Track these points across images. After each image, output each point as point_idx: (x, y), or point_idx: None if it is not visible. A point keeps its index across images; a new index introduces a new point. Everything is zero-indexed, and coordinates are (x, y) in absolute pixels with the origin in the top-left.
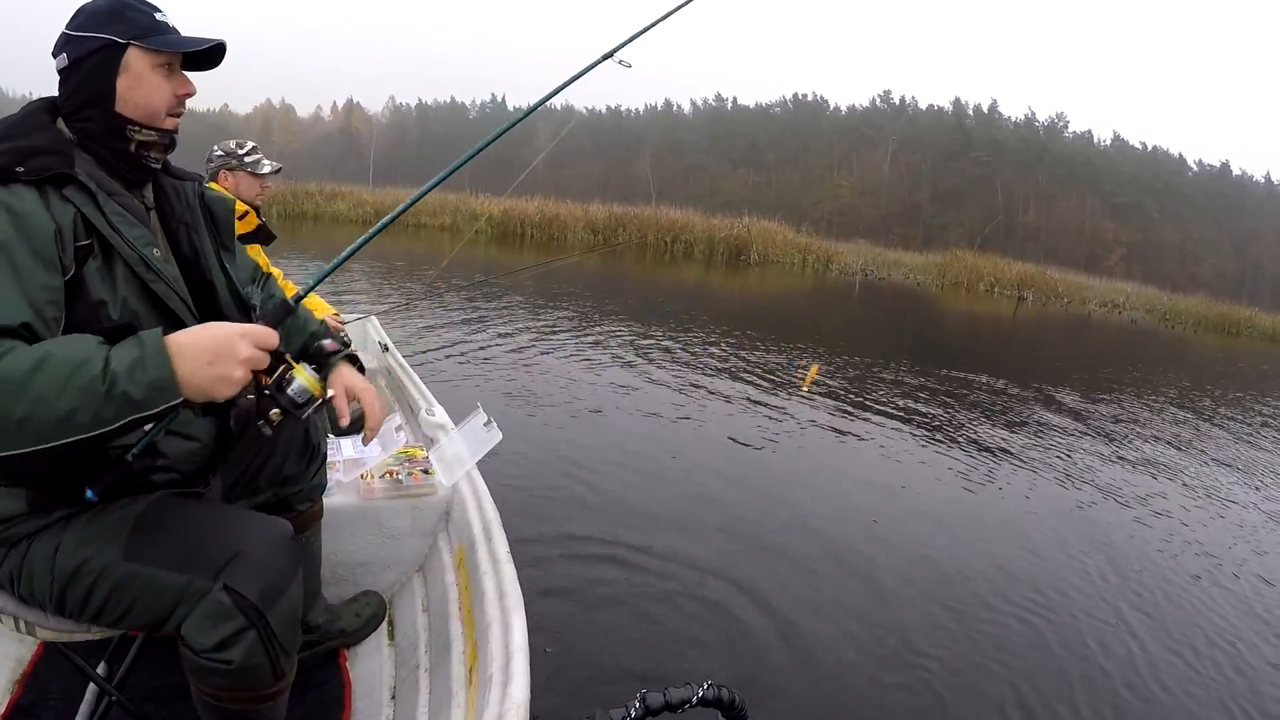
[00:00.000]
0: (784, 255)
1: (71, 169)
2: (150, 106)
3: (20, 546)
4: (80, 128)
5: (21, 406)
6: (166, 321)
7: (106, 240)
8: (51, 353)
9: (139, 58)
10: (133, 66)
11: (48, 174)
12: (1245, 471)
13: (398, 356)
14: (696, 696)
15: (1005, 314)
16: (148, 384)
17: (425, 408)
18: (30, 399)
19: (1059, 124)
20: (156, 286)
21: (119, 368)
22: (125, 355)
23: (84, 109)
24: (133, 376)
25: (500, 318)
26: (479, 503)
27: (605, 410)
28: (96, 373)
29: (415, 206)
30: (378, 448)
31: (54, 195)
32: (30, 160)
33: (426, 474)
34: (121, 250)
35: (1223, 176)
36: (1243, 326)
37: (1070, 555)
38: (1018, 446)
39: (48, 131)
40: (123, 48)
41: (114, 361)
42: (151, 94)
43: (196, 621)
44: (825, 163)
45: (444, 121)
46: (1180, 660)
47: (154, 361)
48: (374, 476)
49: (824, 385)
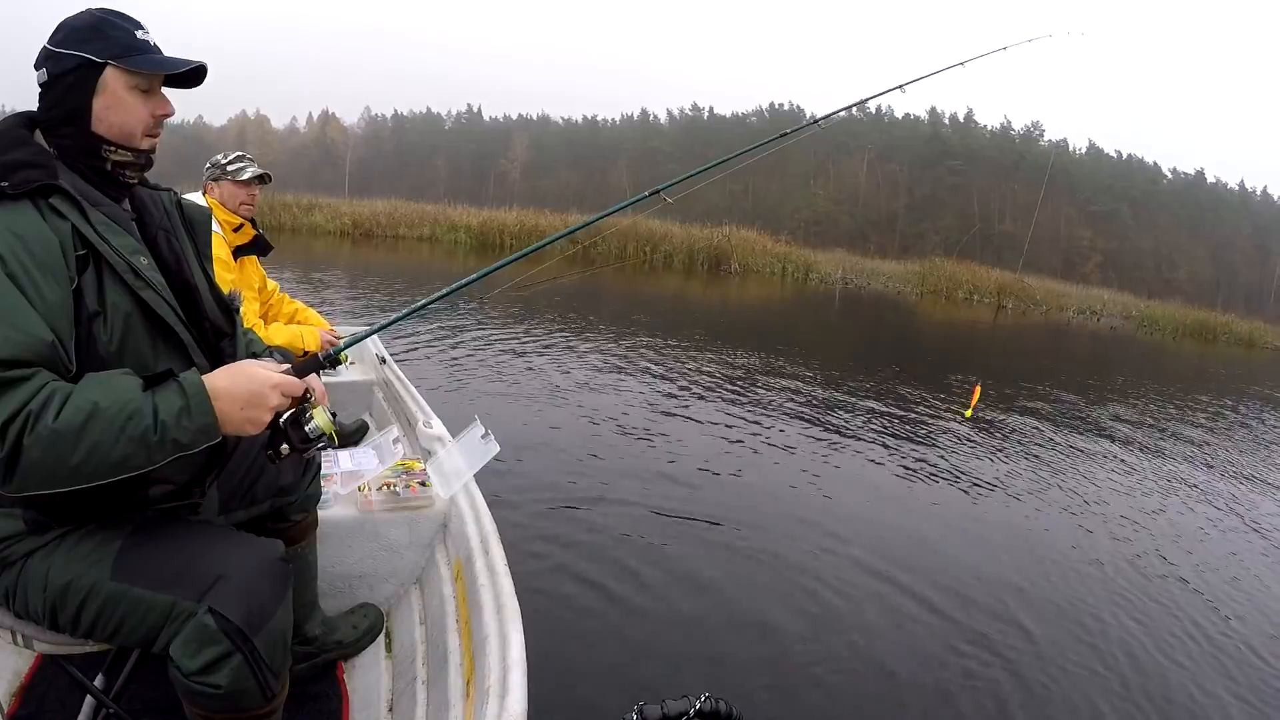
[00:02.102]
0: (764, 264)
1: (56, 180)
2: (126, 127)
3: (16, 565)
4: (58, 144)
5: (77, 455)
6: (156, 329)
7: (96, 249)
8: (99, 405)
9: (116, 77)
10: (110, 86)
11: (33, 186)
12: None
13: (395, 369)
14: (694, 709)
15: (987, 321)
16: (194, 430)
17: (423, 420)
18: (85, 449)
19: (1034, 132)
20: (145, 294)
21: (167, 418)
22: (172, 404)
23: (61, 126)
24: (180, 424)
25: (498, 330)
26: (476, 515)
27: (604, 422)
28: (148, 424)
29: (394, 219)
30: (375, 460)
31: (47, 208)
32: (14, 175)
33: (424, 486)
34: (110, 259)
35: (1197, 184)
36: (1219, 332)
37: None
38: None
39: (28, 145)
40: (100, 67)
41: (162, 411)
42: (128, 115)
43: (182, 644)
44: (802, 172)
45: (420, 131)
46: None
47: (199, 410)
48: (371, 489)
49: (823, 390)
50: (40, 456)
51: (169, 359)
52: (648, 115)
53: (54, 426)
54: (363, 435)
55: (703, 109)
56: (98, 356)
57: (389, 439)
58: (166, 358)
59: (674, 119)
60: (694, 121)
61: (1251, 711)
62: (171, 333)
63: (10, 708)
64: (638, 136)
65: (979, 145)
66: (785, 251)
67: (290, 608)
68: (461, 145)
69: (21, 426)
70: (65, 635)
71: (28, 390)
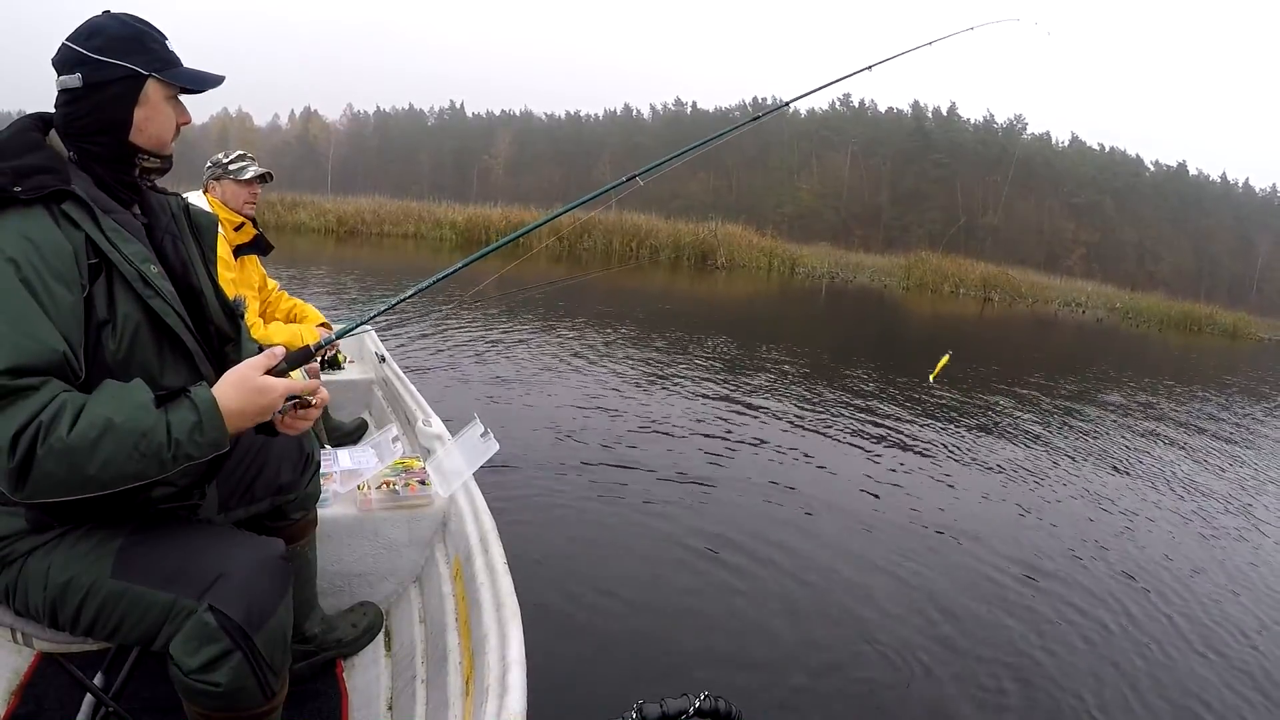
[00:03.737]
0: (750, 259)
1: (69, 186)
2: (162, 137)
3: (17, 563)
4: (86, 149)
5: (92, 467)
6: (163, 337)
7: (107, 258)
8: (114, 420)
9: (156, 89)
10: (151, 98)
11: (46, 192)
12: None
13: (394, 367)
14: (693, 707)
15: (974, 314)
16: (207, 444)
17: (422, 418)
18: (100, 462)
19: (1018, 126)
20: (154, 303)
21: (180, 434)
22: (184, 420)
23: (96, 134)
24: (193, 439)
25: (496, 329)
26: (476, 513)
27: (603, 420)
28: (162, 440)
29: (380, 216)
30: (375, 458)
31: (60, 214)
32: (27, 180)
33: (423, 485)
34: (121, 266)
35: (1180, 176)
36: (1204, 324)
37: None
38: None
39: (41, 150)
40: (144, 79)
41: (175, 429)
42: (164, 125)
43: (182, 642)
44: (786, 166)
45: (402, 128)
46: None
47: (210, 425)
48: (371, 487)
49: (822, 390)
50: (52, 468)
51: (175, 366)
52: (631, 110)
53: (68, 440)
54: (362, 434)
55: (686, 103)
56: (104, 363)
57: (388, 437)
58: (172, 365)
59: (657, 114)
60: (677, 116)
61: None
62: (178, 341)
63: (9, 706)
64: (621, 132)
65: (962, 139)
66: (771, 246)
67: (290, 606)
68: (444, 142)
69: (34, 437)
70: (65, 633)
71: (39, 400)
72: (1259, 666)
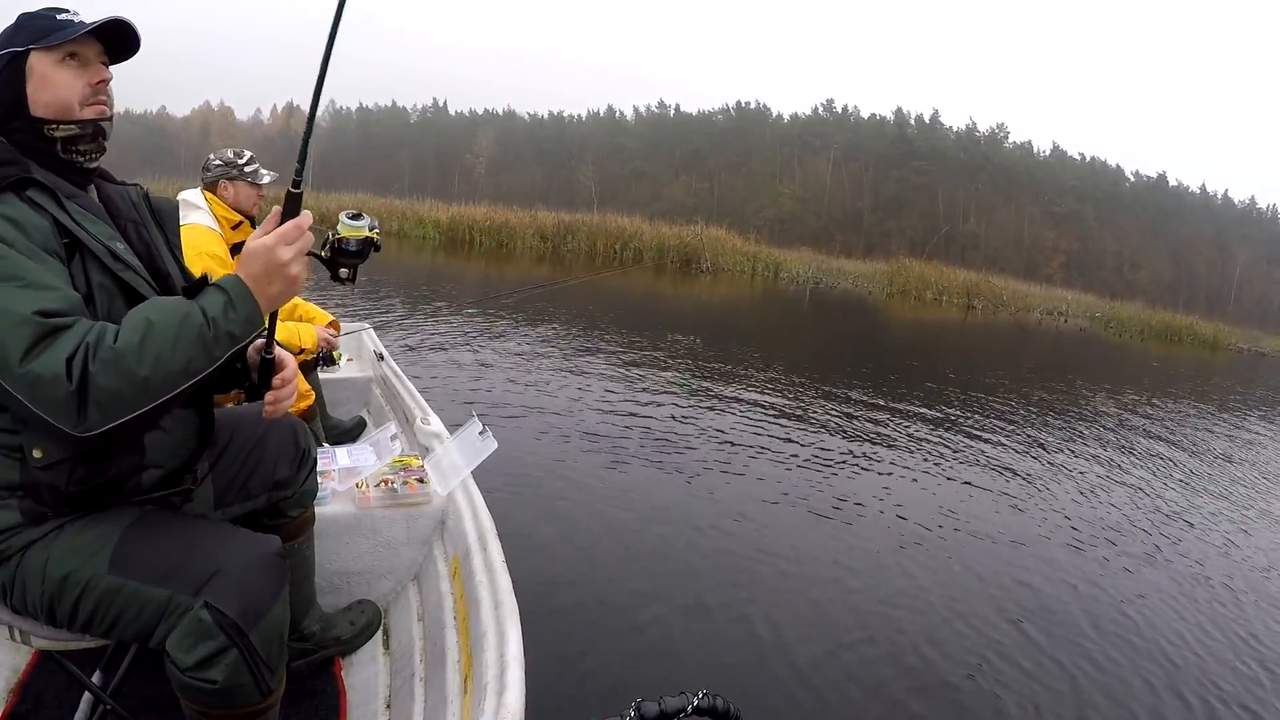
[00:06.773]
0: (733, 263)
1: (29, 173)
2: (59, 101)
3: (14, 559)
4: (14, 140)
5: (145, 368)
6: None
7: (76, 237)
8: (151, 319)
9: (39, 59)
10: (36, 69)
11: (10, 181)
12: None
13: (393, 365)
14: (691, 705)
15: (957, 321)
16: (243, 319)
17: (420, 416)
18: (151, 359)
19: (1000, 134)
20: (126, 275)
21: (216, 314)
22: (215, 301)
23: (9, 121)
24: (228, 316)
25: (494, 329)
26: (474, 511)
27: (602, 420)
28: (200, 321)
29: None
30: (373, 456)
31: (28, 201)
32: None
33: (422, 483)
34: (90, 245)
35: (1160, 186)
36: (1184, 334)
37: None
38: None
39: None
40: (24, 55)
41: (210, 310)
42: (58, 90)
43: (179, 638)
44: (768, 170)
45: (384, 125)
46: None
47: (240, 298)
48: (369, 485)
49: (822, 391)
50: (108, 381)
51: None
52: (614, 112)
53: (115, 347)
54: (360, 431)
55: (669, 106)
56: None
57: (387, 435)
58: None
59: (640, 116)
60: (660, 119)
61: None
62: None
63: (8, 704)
64: (604, 133)
65: (944, 146)
66: (754, 250)
67: (287, 603)
68: (426, 139)
69: (85, 357)
70: (63, 631)
71: (79, 330)
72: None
